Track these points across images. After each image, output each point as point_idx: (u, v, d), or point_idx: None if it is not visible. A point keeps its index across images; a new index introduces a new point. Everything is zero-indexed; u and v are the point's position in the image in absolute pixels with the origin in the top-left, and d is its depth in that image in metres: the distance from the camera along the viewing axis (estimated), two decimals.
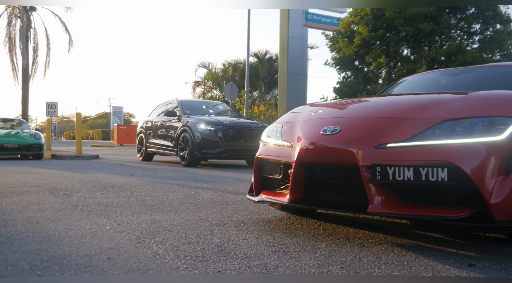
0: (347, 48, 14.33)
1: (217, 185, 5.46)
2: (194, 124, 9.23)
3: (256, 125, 9.53)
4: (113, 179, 5.95)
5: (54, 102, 16.63)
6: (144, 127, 11.61)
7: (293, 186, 2.46)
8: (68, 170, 7.52)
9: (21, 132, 12.14)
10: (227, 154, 8.99)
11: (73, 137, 66.62)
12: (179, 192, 4.70)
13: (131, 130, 30.76)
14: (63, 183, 5.36)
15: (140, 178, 6.31)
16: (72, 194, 4.35)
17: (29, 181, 5.45)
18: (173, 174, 7.10)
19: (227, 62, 22.38)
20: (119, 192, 4.58)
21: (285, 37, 18.45)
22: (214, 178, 6.56)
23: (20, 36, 17.70)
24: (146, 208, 3.57)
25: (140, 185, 5.30)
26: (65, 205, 3.62)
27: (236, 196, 4.43)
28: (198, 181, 5.94)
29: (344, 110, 2.77)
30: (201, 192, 4.68)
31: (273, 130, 2.89)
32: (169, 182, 5.72)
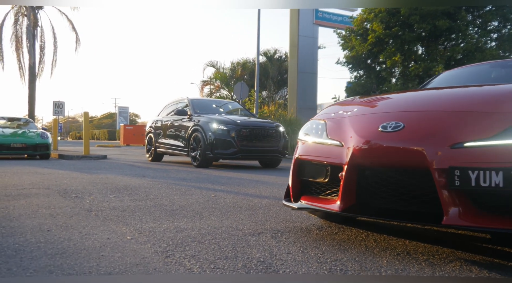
0: (360, 46, 13.94)
1: (236, 188, 5.13)
2: (206, 123, 8.91)
3: (270, 124, 9.20)
4: (125, 180, 5.63)
5: (61, 101, 16.38)
6: (153, 127, 11.31)
7: (345, 192, 2.11)
8: (77, 171, 7.23)
9: (28, 132, 11.87)
10: (241, 155, 8.66)
11: (79, 138, 66.62)
12: (198, 195, 4.37)
13: (138, 131, 30.55)
14: (73, 184, 5.05)
15: (153, 179, 6.00)
16: (84, 196, 4.04)
17: (37, 182, 5.15)
18: (186, 175, 6.78)
19: (236, 62, 22.07)
20: (133, 194, 4.26)
21: (295, 35, 18.07)
22: (230, 179, 6.23)
23: (27, 34, 17.44)
24: (166, 213, 3.24)
25: (155, 187, 4.99)
26: (77, 210, 3.30)
27: (261, 200, 4.10)
28: (214, 183, 5.62)
29: (405, 103, 2.41)
30: (221, 195, 4.35)
31: (314, 128, 2.55)
32: (184, 184, 5.40)
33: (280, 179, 6.39)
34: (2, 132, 11.31)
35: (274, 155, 9.09)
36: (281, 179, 6.39)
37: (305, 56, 18.17)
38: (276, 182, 5.99)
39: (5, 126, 12.55)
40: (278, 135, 9.11)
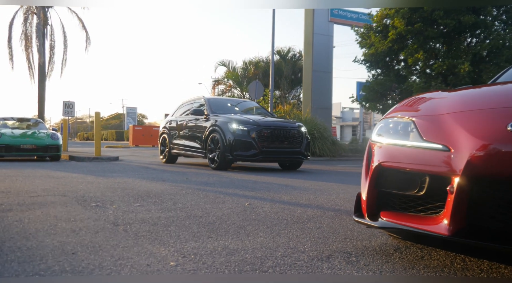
0: (379, 44, 13.44)
1: (268, 194, 4.67)
2: (224, 124, 8.46)
3: (292, 125, 8.73)
4: (145, 185, 5.20)
5: (71, 101, 16.02)
6: (167, 127, 10.88)
7: (455, 210, 1.65)
8: (91, 174, 6.81)
9: (38, 133, 11.51)
10: (262, 156, 8.20)
11: (87, 138, 66.57)
12: (230, 202, 3.92)
13: (147, 131, 30.23)
14: (91, 190, 4.62)
15: (174, 183, 5.56)
16: (106, 205, 3.60)
17: (51, 188, 4.73)
18: (208, 179, 6.34)
19: (248, 60, 21.54)
20: (159, 202, 3.82)
21: (310, 33, 17.61)
22: (256, 184, 5.78)
23: (37, 33, 17.09)
24: (204, 227, 2.80)
25: (179, 193, 4.55)
26: (102, 223, 2.86)
27: (303, 209, 3.64)
28: (241, 188, 5.17)
29: None
30: (256, 204, 3.90)
31: (396, 128, 2.08)
32: (209, 189, 4.95)
33: (310, 183, 5.93)
34: (11, 133, 10.96)
35: (296, 156, 8.63)
36: (310, 183, 5.93)
37: (319, 55, 17.71)
38: (307, 186, 5.53)
39: (15, 127, 12.20)
40: (300, 136, 8.64)
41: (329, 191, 5.04)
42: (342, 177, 7.39)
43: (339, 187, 5.54)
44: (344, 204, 4.04)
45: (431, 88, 12.39)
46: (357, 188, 5.26)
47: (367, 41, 14.30)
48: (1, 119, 12.65)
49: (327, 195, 4.66)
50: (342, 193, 4.92)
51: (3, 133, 10.77)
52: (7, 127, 11.89)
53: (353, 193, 4.88)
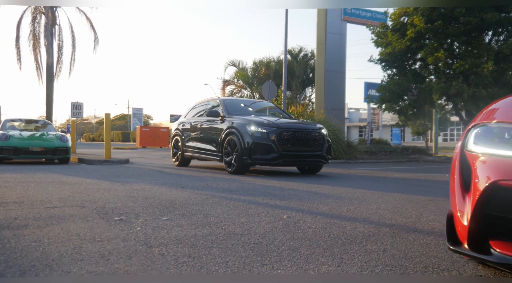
0: (397, 42, 13.01)
1: (302, 203, 4.29)
2: (242, 125, 8.08)
3: (314, 127, 8.34)
4: (166, 193, 4.83)
5: (79, 102, 15.72)
6: (180, 129, 10.52)
7: None
8: (105, 179, 6.46)
9: (46, 135, 11.18)
10: (282, 160, 7.81)
11: (93, 139, 66.45)
12: (265, 215, 3.54)
13: (154, 132, 29.94)
14: (110, 199, 4.25)
15: (195, 190, 5.19)
16: (131, 219, 3.23)
17: (67, 197, 4.37)
18: (229, 185, 5.96)
19: (258, 60, 21.08)
20: (188, 215, 3.44)
21: (323, 32, 17.21)
22: (283, 191, 5.39)
23: (45, 33, 16.77)
24: (251, 249, 2.41)
25: (205, 202, 4.17)
26: (132, 243, 2.49)
27: (352, 224, 3.25)
28: (269, 196, 4.78)
29: None
30: (295, 216, 3.52)
31: (506, 135, 1.69)
32: (236, 198, 4.58)
33: (340, 190, 5.53)
34: (19, 135, 10.63)
35: (318, 160, 8.24)
36: (340, 190, 5.53)
37: (332, 54, 17.32)
38: (339, 194, 5.13)
39: (23, 128, 11.88)
40: (321, 139, 8.25)
41: (367, 200, 4.65)
42: (369, 182, 6.99)
43: (374, 195, 5.14)
44: (392, 216, 3.64)
45: (451, 88, 11.97)
46: (393, 196, 4.88)
47: (383, 40, 13.87)
48: (9, 121, 12.34)
49: (367, 205, 4.27)
50: (381, 202, 4.52)
51: (11, 135, 10.45)
52: (15, 129, 11.58)
53: (394, 203, 4.49)
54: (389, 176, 8.32)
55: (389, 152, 16.13)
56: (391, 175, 8.56)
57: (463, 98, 11.81)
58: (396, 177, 8.13)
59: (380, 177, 8.06)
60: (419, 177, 8.33)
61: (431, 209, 4.10)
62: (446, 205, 4.41)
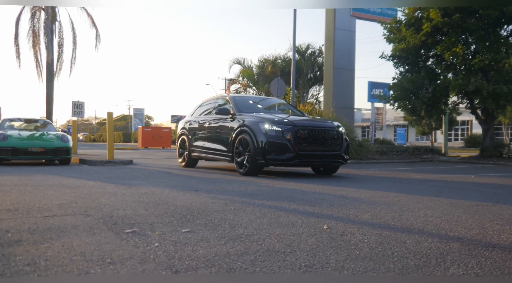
0: (411, 37, 12.47)
1: (335, 210, 3.76)
2: (255, 124, 7.55)
3: (331, 125, 7.81)
4: (179, 198, 4.31)
5: (81, 102, 15.19)
6: (186, 128, 9.99)
7: None
8: (110, 181, 5.93)
9: (47, 135, 10.66)
10: (298, 160, 7.28)
11: (94, 140, 65.98)
12: (300, 225, 3.02)
13: (156, 133, 29.41)
14: (117, 205, 3.73)
15: (210, 194, 4.67)
16: (145, 231, 2.71)
17: (69, 203, 3.84)
18: (245, 188, 5.44)
19: (264, 58, 20.49)
20: (212, 226, 2.92)
21: (331, 29, 16.68)
22: (306, 194, 4.87)
23: (45, 29, 16.22)
24: (306, 275, 1.89)
25: (226, 209, 3.65)
26: (153, 267, 1.96)
27: (411, 237, 2.72)
28: (295, 201, 4.26)
29: None
30: (336, 226, 3.00)
31: None
32: (259, 204, 4.05)
33: (369, 194, 5.00)
34: (18, 135, 10.12)
35: (336, 160, 7.70)
36: (370, 194, 5.00)
37: (341, 51, 16.79)
38: (371, 198, 4.61)
39: (22, 128, 11.37)
40: (339, 138, 7.72)
41: (406, 206, 4.12)
42: (394, 184, 6.46)
43: (410, 199, 4.61)
44: (450, 226, 3.11)
45: (470, 85, 11.43)
46: (433, 201, 4.28)
47: (396, 35, 13.33)
48: (8, 121, 11.83)
49: (411, 212, 3.74)
50: (424, 208, 3.99)
51: (10, 135, 9.93)
52: (14, 129, 11.06)
53: (439, 209, 3.96)
54: (411, 177, 7.80)
55: (400, 152, 15.60)
56: (412, 176, 8.03)
57: (483, 95, 11.28)
58: (419, 178, 7.60)
59: (402, 178, 7.53)
60: (443, 178, 7.80)
61: (488, 216, 3.57)
62: (500, 211, 3.88)
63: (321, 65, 21.16)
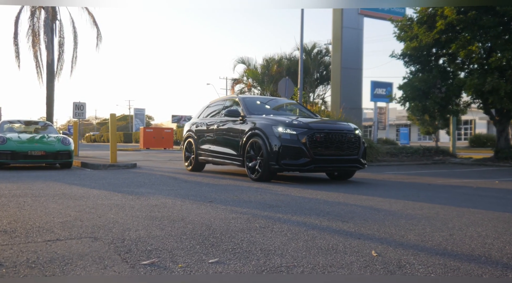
0: (424, 35, 12.03)
1: (374, 227, 3.34)
2: (268, 126, 7.13)
3: (348, 127, 7.38)
4: (195, 212, 3.89)
5: (82, 102, 14.78)
6: (193, 130, 9.56)
7: None
8: (115, 190, 5.51)
9: (47, 137, 10.26)
10: (314, 166, 6.85)
11: (94, 140, 65.55)
12: (344, 251, 2.60)
13: (158, 133, 28.99)
14: (128, 223, 3.30)
15: (227, 206, 4.24)
16: (166, 262, 2.28)
17: (73, 220, 3.42)
18: (262, 197, 5.02)
19: (268, 57, 19.97)
20: (242, 252, 2.50)
21: (339, 27, 16.25)
22: (332, 206, 4.44)
23: (45, 29, 15.77)
24: None
25: (251, 227, 3.23)
26: None
27: (478, 267, 2.30)
28: (324, 215, 3.83)
29: None
30: (385, 252, 2.58)
31: None
32: (285, 219, 3.63)
33: (401, 205, 4.58)
34: (18, 138, 9.70)
35: (354, 165, 7.28)
36: (401, 205, 4.57)
37: (349, 50, 16.37)
38: (406, 211, 4.18)
39: (21, 130, 10.93)
40: (357, 141, 7.30)
41: (450, 221, 3.69)
42: (419, 191, 6.03)
43: (448, 212, 4.18)
44: None
45: (486, 84, 11.01)
46: (476, 214, 3.73)
47: (407, 33, 12.90)
48: (7, 123, 11.41)
49: (460, 230, 3.31)
50: (473, 225, 3.56)
51: (9, 138, 9.52)
52: (14, 132, 10.64)
53: (490, 225, 3.53)
54: (432, 182, 7.37)
55: (410, 153, 15.17)
56: (433, 181, 7.61)
57: (499, 95, 10.87)
58: (442, 184, 7.17)
59: (424, 184, 7.11)
60: (467, 183, 7.38)
61: None
62: None
63: (327, 65, 20.70)
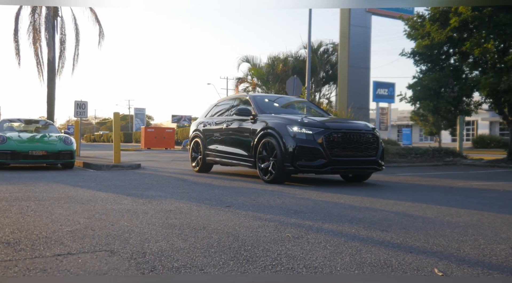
0: (436, 33, 11.70)
1: (421, 238, 2.99)
2: (282, 126, 6.78)
3: (366, 127, 7.03)
4: (214, 218, 3.54)
5: (84, 101, 14.39)
6: (200, 130, 9.21)
7: None
8: (124, 193, 5.16)
9: (48, 137, 9.91)
10: (332, 167, 6.51)
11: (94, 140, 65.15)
12: (399, 268, 2.25)
13: (159, 133, 28.66)
14: (146, 233, 2.95)
15: (247, 212, 3.90)
16: None
17: (83, 229, 3.06)
18: (281, 201, 4.67)
19: (273, 56, 19.55)
20: (283, 270, 2.15)
21: (346, 25, 15.90)
22: (361, 211, 4.10)
23: (46, 25, 15.39)
24: None
25: (282, 237, 2.88)
26: None
27: None
28: (359, 223, 3.49)
29: None
30: (448, 270, 2.23)
31: None
32: (316, 227, 3.28)
33: (435, 211, 4.23)
34: (18, 138, 9.34)
35: (372, 167, 6.94)
36: (436, 210, 4.23)
37: (356, 49, 16.01)
38: (445, 218, 3.84)
39: (22, 130, 10.58)
40: (375, 141, 6.96)
41: (499, 231, 3.35)
42: (445, 195, 5.69)
43: (488, 219, 3.84)
44: None
45: (502, 83, 10.68)
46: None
47: (419, 31, 12.56)
48: (7, 121, 11.06)
49: None
50: None
51: (9, 137, 9.16)
52: (14, 131, 10.28)
53: None
54: (454, 185, 7.03)
55: (420, 154, 14.82)
56: (454, 184, 7.26)
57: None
58: (464, 187, 6.83)
59: (446, 187, 6.77)
60: (491, 186, 7.04)
61: None
62: None
63: (333, 64, 20.34)
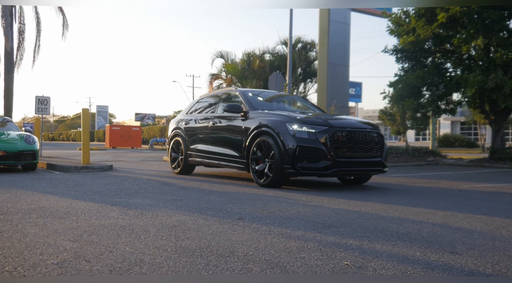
0: (423, 29, 11.40)
1: (495, 260, 2.42)
2: (280, 123, 6.12)
3: (370, 126, 6.49)
4: (234, 238, 2.84)
5: (46, 96, 13.18)
6: (182, 128, 8.40)
7: None
8: (106, 201, 4.33)
9: (7, 135, 8.82)
10: (336, 169, 5.90)
11: (52, 139, 62.17)
12: None
13: (125, 132, 27.35)
14: (160, 264, 2.21)
15: (267, 226, 3.22)
16: None
17: (73, 258, 2.28)
18: (296, 211, 4.03)
19: (248, 52, 18.85)
20: None
21: (325, 21, 15.45)
22: (397, 224, 3.52)
23: (3, 12, 13.95)
24: None
25: (342, 267, 2.23)
26: None
27: None
28: (394, 238, 2.90)
29: None
30: None
31: None
32: (370, 249, 2.65)
33: (457, 218, 3.71)
34: None
35: (377, 168, 6.39)
36: (458, 218, 3.71)
37: (336, 45, 15.61)
38: (485, 229, 3.31)
39: None
40: (381, 141, 6.43)
41: None
42: (457, 199, 5.22)
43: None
44: None
45: (489, 81, 10.49)
46: None
47: (403, 27, 12.25)
48: None
49: None
50: None
51: None
52: None
53: None
54: (460, 187, 6.63)
55: (400, 154, 14.59)
56: (458, 186, 6.87)
57: (504, 93, 10.38)
58: (472, 189, 6.44)
59: (453, 190, 6.35)
60: (500, 189, 6.69)
61: None
62: None
63: (311, 60, 19.90)
